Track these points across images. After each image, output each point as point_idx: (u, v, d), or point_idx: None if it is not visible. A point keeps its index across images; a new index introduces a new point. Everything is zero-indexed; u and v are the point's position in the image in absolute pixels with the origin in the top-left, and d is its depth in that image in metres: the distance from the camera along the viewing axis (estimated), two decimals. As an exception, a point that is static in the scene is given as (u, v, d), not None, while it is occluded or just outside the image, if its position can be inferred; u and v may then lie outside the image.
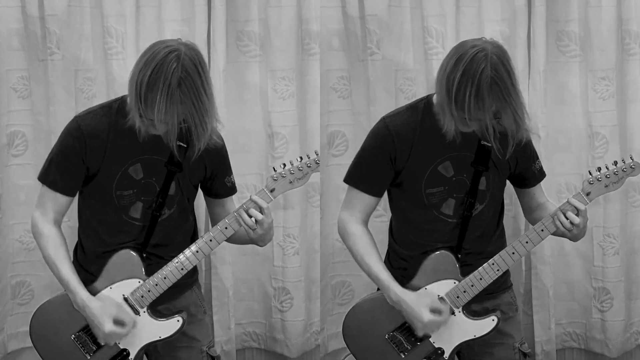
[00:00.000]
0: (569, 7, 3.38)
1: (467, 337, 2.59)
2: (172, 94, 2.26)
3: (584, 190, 2.50)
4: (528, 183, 2.70)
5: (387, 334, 2.61)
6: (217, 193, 2.69)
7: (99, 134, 2.47)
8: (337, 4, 3.38)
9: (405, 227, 2.65)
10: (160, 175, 2.52)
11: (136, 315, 2.53)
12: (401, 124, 2.55)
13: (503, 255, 2.54)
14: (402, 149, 2.54)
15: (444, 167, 2.54)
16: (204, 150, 2.47)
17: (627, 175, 2.49)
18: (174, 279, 2.52)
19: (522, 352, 2.67)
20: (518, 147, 2.50)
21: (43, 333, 2.56)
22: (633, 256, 3.54)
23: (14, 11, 3.20)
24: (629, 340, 3.58)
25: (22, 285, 3.40)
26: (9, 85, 3.26)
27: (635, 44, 3.36)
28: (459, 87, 2.31)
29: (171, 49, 2.29)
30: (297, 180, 2.52)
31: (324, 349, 3.55)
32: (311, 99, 3.39)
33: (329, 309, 3.54)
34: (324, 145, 3.44)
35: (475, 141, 2.53)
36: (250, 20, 3.35)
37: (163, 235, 2.56)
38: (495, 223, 2.65)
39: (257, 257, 3.50)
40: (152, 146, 2.48)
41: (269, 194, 2.50)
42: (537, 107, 3.39)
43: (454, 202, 2.56)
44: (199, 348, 2.67)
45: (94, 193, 2.52)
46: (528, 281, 3.53)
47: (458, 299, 2.56)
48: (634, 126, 3.44)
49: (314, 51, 3.35)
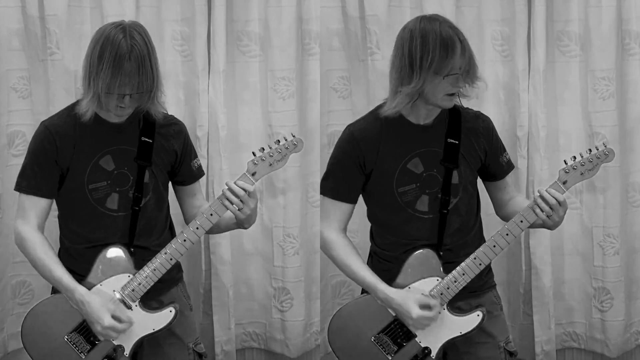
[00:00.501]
0: (569, 7, 3.38)
1: (454, 334, 2.59)
2: (121, 61, 2.35)
3: (560, 179, 2.53)
4: (497, 175, 2.72)
5: (373, 336, 2.62)
6: (185, 178, 2.72)
7: (67, 132, 2.53)
8: (337, 4, 3.38)
9: (384, 230, 2.67)
10: (131, 165, 2.57)
11: (128, 309, 2.54)
12: (365, 129, 2.62)
13: (484, 249, 2.56)
14: (369, 152, 2.59)
15: (414, 164, 2.58)
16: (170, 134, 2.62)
17: (602, 161, 2.52)
18: (164, 270, 2.55)
19: (508, 351, 2.68)
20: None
21: (35, 338, 2.56)
22: (633, 256, 3.54)
23: (14, 11, 3.20)
24: (629, 340, 3.58)
25: (22, 285, 3.40)
26: (9, 85, 3.26)
27: (635, 44, 3.36)
28: (424, 47, 2.44)
29: (116, 24, 2.44)
30: (276, 162, 2.57)
31: (324, 349, 3.55)
32: (311, 99, 3.39)
33: (329, 309, 3.54)
34: (324, 146, 3.44)
35: (442, 137, 2.58)
36: (250, 20, 3.35)
37: (145, 223, 2.59)
38: (473, 215, 2.67)
39: (257, 257, 3.50)
40: (119, 137, 2.55)
41: (251, 177, 2.55)
42: (537, 107, 3.39)
43: (428, 198, 2.59)
44: (186, 345, 2.68)
45: (68, 190, 2.56)
46: (528, 281, 3.52)
47: (442, 295, 2.56)
48: (634, 126, 3.44)
49: (314, 51, 3.35)
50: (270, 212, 3.47)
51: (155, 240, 2.62)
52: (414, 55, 2.45)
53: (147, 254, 2.58)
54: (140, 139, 2.56)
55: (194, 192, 2.76)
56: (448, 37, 2.44)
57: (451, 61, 2.44)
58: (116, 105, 2.44)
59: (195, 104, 3.34)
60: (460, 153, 2.59)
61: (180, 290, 2.72)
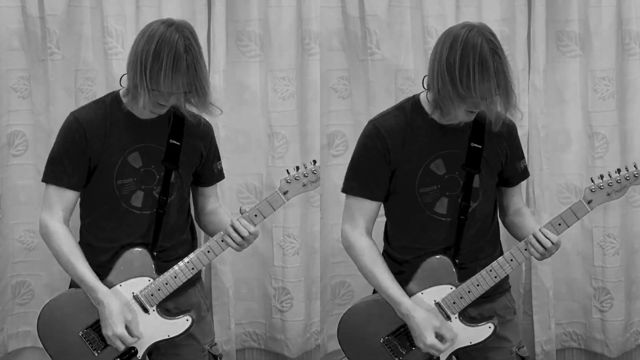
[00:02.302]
0: (569, 7, 3.38)
1: (463, 344, 2.56)
2: (179, 61, 2.34)
3: (585, 199, 2.46)
4: (511, 181, 2.67)
5: (383, 339, 2.60)
6: (205, 180, 2.71)
7: (97, 125, 2.51)
8: (337, 4, 3.38)
9: (400, 232, 2.62)
10: (158, 164, 2.55)
11: (145, 313, 2.53)
12: (391, 124, 2.54)
13: (501, 262, 2.51)
14: (394, 148, 2.52)
15: (436, 165, 2.53)
16: (198, 135, 2.59)
17: (631, 184, 2.44)
18: (184, 278, 2.54)
19: (520, 357, 2.65)
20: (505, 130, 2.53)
21: (50, 331, 2.56)
22: (633, 256, 3.54)
23: (14, 11, 3.20)
24: (629, 340, 3.58)
25: (22, 285, 3.39)
26: (9, 85, 3.26)
27: (635, 44, 3.36)
28: (462, 65, 2.32)
29: (168, 23, 2.40)
30: (310, 183, 2.56)
31: (323, 349, 3.55)
32: (311, 99, 3.39)
33: (328, 309, 3.54)
34: (324, 146, 3.44)
35: (466, 141, 2.53)
36: (250, 20, 3.35)
37: (169, 224, 2.58)
38: (490, 220, 2.63)
39: (257, 257, 3.50)
40: (148, 134, 2.53)
41: (282, 196, 2.53)
42: (537, 107, 3.39)
43: (447, 200, 2.54)
44: (201, 347, 2.67)
45: (96, 186, 2.53)
46: (528, 281, 3.52)
47: (454, 305, 2.54)
48: (634, 126, 3.44)
49: (314, 51, 3.35)
50: (270, 212, 3.47)
51: (177, 240, 2.60)
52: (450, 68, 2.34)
53: (169, 255, 2.57)
54: (168, 141, 2.54)
55: (210, 194, 2.74)
56: (484, 59, 2.32)
57: (483, 85, 2.32)
58: (159, 104, 2.42)
59: (195, 104, 3.34)
60: (483, 157, 2.53)
61: (198, 290, 2.70)
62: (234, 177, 3.38)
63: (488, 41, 2.35)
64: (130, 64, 2.40)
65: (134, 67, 2.38)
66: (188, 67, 2.35)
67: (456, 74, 2.32)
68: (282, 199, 2.53)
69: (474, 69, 2.31)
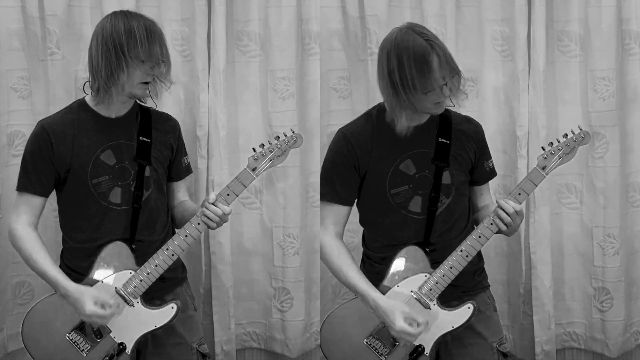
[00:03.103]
0: (569, 7, 3.38)
1: (446, 329, 2.58)
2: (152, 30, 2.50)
3: (540, 165, 2.56)
4: (479, 180, 2.73)
5: (365, 339, 2.61)
6: (174, 174, 2.77)
7: (64, 130, 2.57)
8: (337, 4, 3.38)
9: (376, 233, 2.68)
10: (132, 160, 2.60)
11: (130, 306, 2.54)
12: (358, 131, 2.63)
13: (470, 241, 2.56)
14: (363, 154, 2.60)
15: (406, 166, 2.59)
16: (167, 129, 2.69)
17: (578, 144, 2.57)
18: (166, 266, 2.56)
19: (501, 352, 2.67)
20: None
21: (36, 336, 2.57)
22: (633, 256, 3.54)
23: (14, 11, 3.20)
24: (629, 340, 3.58)
25: (22, 285, 3.39)
26: (9, 85, 3.26)
27: (635, 44, 3.36)
28: (400, 71, 2.41)
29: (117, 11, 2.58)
30: (276, 157, 2.61)
31: (324, 349, 3.55)
32: (311, 99, 3.39)
33: (329, 309, 3.52)
34: (324, 145, 3.43)
35: (433, 137, 2.59)
36: (250, 20, 3.35)
37: (147, 217, 2.62)
38: (465, 219, 2.67)
39: (257, 257, 3.50)
40: (118, 132, 2.60)
41: (251, 172, 2.59)
42: (537, 107, 3.39)
43: (421, 199, 2.59)
44: (190, 345, 2.68)
45: (72, 187, 2.58)
46: (528, 281, 3.52)
47: (431, 291, 2.56)
48: (634, 126, 3.44)
49: (314, 51, 3.35)
50: (270, 212, 3.47)
51: (157, 235, 2.64)
52: (393, 79, 2.45)
53: (149, 249, 2.59)
54: (138, 138, 2.61)
55: (179, 188, 2.81)
56: (422, 54, 2.40)
57: (430, 77, 2.41)
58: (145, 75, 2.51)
59: (195, 104, 3.34)
60: (451, 153, 2.60)
61: (185, 289, 2.73)
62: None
63: (419, 34, 2.43)
64: (101, 56, 2.49)
65: (107, 55, 2.48)
66: (160, 35, 2.52)
67: (396, 78, 2.43)
68: (251, 176, 2.59)
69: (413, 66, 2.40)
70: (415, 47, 2.40)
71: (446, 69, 2.42)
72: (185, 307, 2.67)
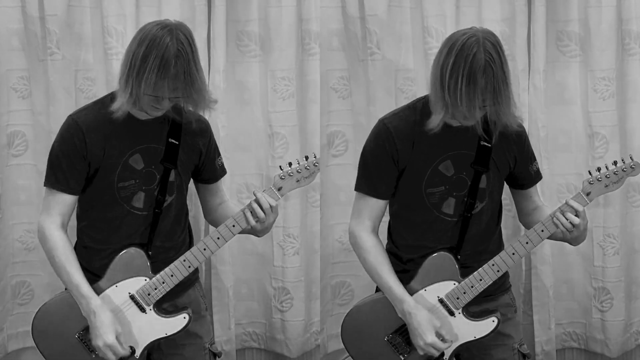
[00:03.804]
0: (569, 7, 3.38)
1: (467, 338, 2.58)
2: (166, 66, 2.30)
3: (584, 190, 2.49)
4: (525, 184, 2.68)
5: (387, 336, 2.61)
6: (209, 177, 2.71)
7: (97, 128, 2.48)
8: (337, 4, 3.38)
9: (405, 230, 2.63)
10: (158, 164, 2.54)
11: (142, 313, 2.53)
12: (400, 124, 2.55)
13: (503, 256, 2.54)
14: (403, 148, 2.53)
15: (445, 166, 2.54)
16: (197, 132, 2.58)
17: (627, 175, 2.49)
18: (181, 276, 2.53)
19: (522, 353, 2.66)
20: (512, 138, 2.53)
21: (46, 334, 2.56)
22: (633, 256, 3.54)
23: (14, 11, 3.20)
24: (629, 340, 3.58)
25: (22, 285, 3.39)
26: (9, 85, 3.26)
27: (635, 44, 3.36)
28: (452, 73, 2.32)
29: (162, 25, 2.36)
30: (304, 179, 2.55)
31: (323, 349, 3.55)
32: (311, 99, 3.39)
33: (329, 309, 3.54)
34: (324, 146, 3.44)
35: (475, 140, 2.53)
36: (250, 20, 3.34)
37: (168, 223, 2.57)
38: (495, 222, 2.65)
39: (257, 257, 3.50)
40: (148, 135, 2.52)
41: (277, 192, 2.53)
42: (537, 107, 3.39)
43: (454, 200, 2.55)
44: (202, 345, 2.67)
45: (96, 189, 2.52)
46: (528, 281, 3.52)
47: (458, 300, 2.55)
48: (634, 126, 3.44)
49: (314, 51, 3.35)
50: (270, 212, 3.47)
51: (175, 241, 2.59)
52: (444, 75, 2.35)
53: (166, 256, 2.56)
54: (167, 140, 2.53)
55: (217, 190, 2.74)
56: (474, 71, 2.31)
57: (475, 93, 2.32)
58: (153, 106, 2.40)
59: (195, 104, 3.34)
60: (492, 157, 2.54)
61: (197, 290, 2.70)
62: (234, 177, 3.37)
63: (485, 51, 2.33)
64: (122, 63, 2.39)
65: (123, 69, 2.37)
66: (177, 72, 2.31)
67: (445, 80, 2.34)
68: (276, 195, 2.53)
69: (462, 79, 2.31)
70: (473, 61, 2.31)
71: (489, 96, 2.33)
72: (197, 307, 2.66)
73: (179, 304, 2.62)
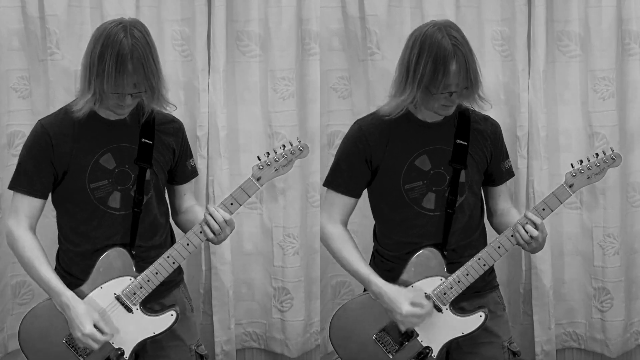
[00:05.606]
0: (569, 7, 3.38)
1: (456, 334, 2.59)
2: (123, 62, 2.33)
3: (567, 183, 2.53)
4: (496, 180, 2.71)
5: (375, 335, 2.62)
6: (179, 177, 2.71)
7: (64, 131, 2.51)
8: (337, 4, 3.38)
9: (388, 228, 2.67)
10: (132, 163, 2.55)
11: (129, 312, 2.53)
12: (374, 125, 2.61)
13: (489, 250, 2.56)
14: (376, 148, 2.59)
15: (421, 161, 2.58)
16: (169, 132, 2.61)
17: (608, 166, 2.54)
18: (166, 273, 2.54)
19: (511, 351, 2.68)
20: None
21: (33, 340, 2.55)
22: (633, 256, 3.54)
23: (14, 11, 3.20)
24: (629, 340, 3.58)
25: (22, 285, 3.40)
26: (9, 85, 3.26)
27: (635, 44, 3.36)
28: (418, 61, 2.40)
29: (116, 23, 2.40)
30: (281, 167, 2.56)
31: (324, 349, 3.55)
32: (311, 99, 3.39)
33: (329, 309, 3.54)
34: (324, 146, 3.44)
35: (451, 136, 2.58)
36: (250, 20, 3.35)
37: (148, 222, 2.58)
38: (478, 216, 2.67)
39: (257, 257, 3.50)
40: (119, 134, 2.53)
41: (256, 182, 2.54)
42: (537, 107, 3.39)
43: (435, 195, 2.59)
44: (188, 347, 2.67)
45: (69, 192, 2.53)
46: (528, 281, 3.52)
47: (445, 295, 2.56)
48: (634, 126, 3.44)
49: (314, 51, 3.35)
50: (270, 212, 3.47)
51: (157, 240, 2.61)
52: (409, 68, 2.44)
53: (149, 255, 2.57)
54: (140, 140, 2.55)
55: (185, 192, 2.76)
56: (443, 56, 2.38)
57: (444, 79, 2.40)
58: (117, 103, 2.42)
59: (195, 104, 3.34)
60: (469, 154, 2.59)
61: (181, 291, 2.71)
62: (234, 177, 3.37)
63: (449, 35, 2.39)
64: (81, 66, 2.43)
65: (83, 70, 2.41)
66: (135, 68, 2.34)
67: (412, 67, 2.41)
68: (256, 185, 2.54)
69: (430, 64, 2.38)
70: (440, 47, 2.38)
71: (462, 78, 2.40)
72: (182, 309, 2.66)
73: (166, 302, 2.63)
